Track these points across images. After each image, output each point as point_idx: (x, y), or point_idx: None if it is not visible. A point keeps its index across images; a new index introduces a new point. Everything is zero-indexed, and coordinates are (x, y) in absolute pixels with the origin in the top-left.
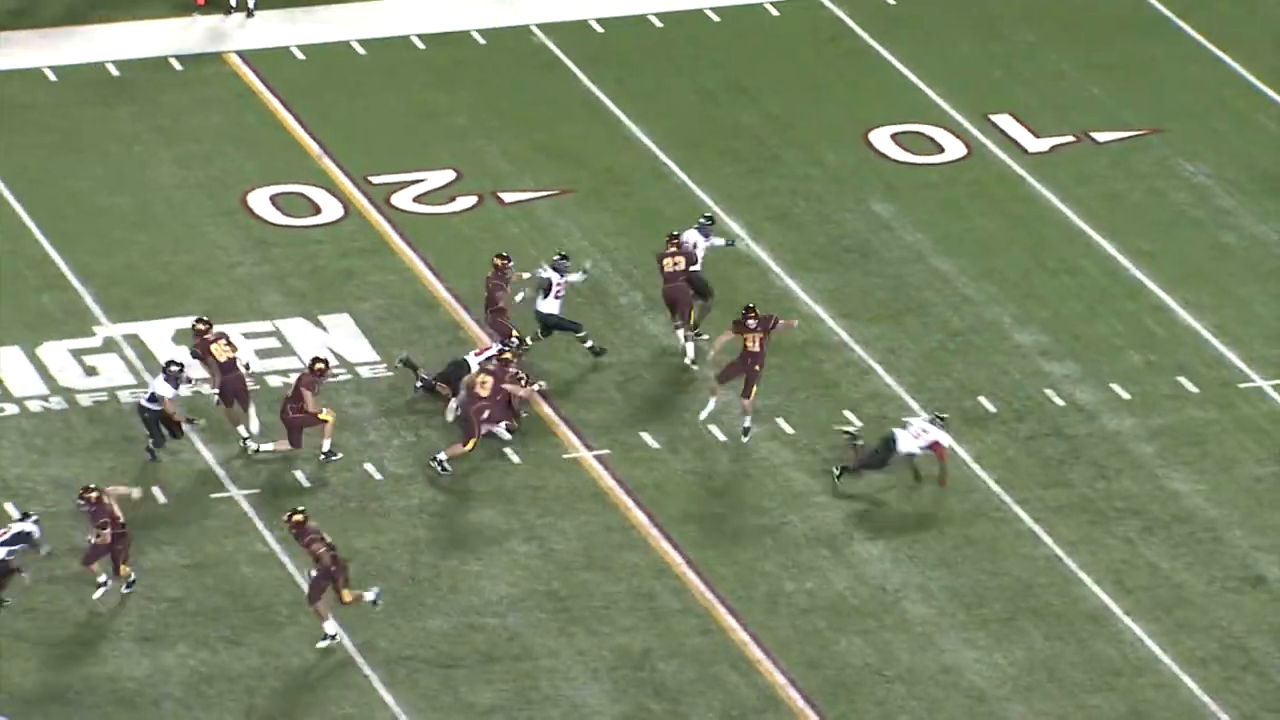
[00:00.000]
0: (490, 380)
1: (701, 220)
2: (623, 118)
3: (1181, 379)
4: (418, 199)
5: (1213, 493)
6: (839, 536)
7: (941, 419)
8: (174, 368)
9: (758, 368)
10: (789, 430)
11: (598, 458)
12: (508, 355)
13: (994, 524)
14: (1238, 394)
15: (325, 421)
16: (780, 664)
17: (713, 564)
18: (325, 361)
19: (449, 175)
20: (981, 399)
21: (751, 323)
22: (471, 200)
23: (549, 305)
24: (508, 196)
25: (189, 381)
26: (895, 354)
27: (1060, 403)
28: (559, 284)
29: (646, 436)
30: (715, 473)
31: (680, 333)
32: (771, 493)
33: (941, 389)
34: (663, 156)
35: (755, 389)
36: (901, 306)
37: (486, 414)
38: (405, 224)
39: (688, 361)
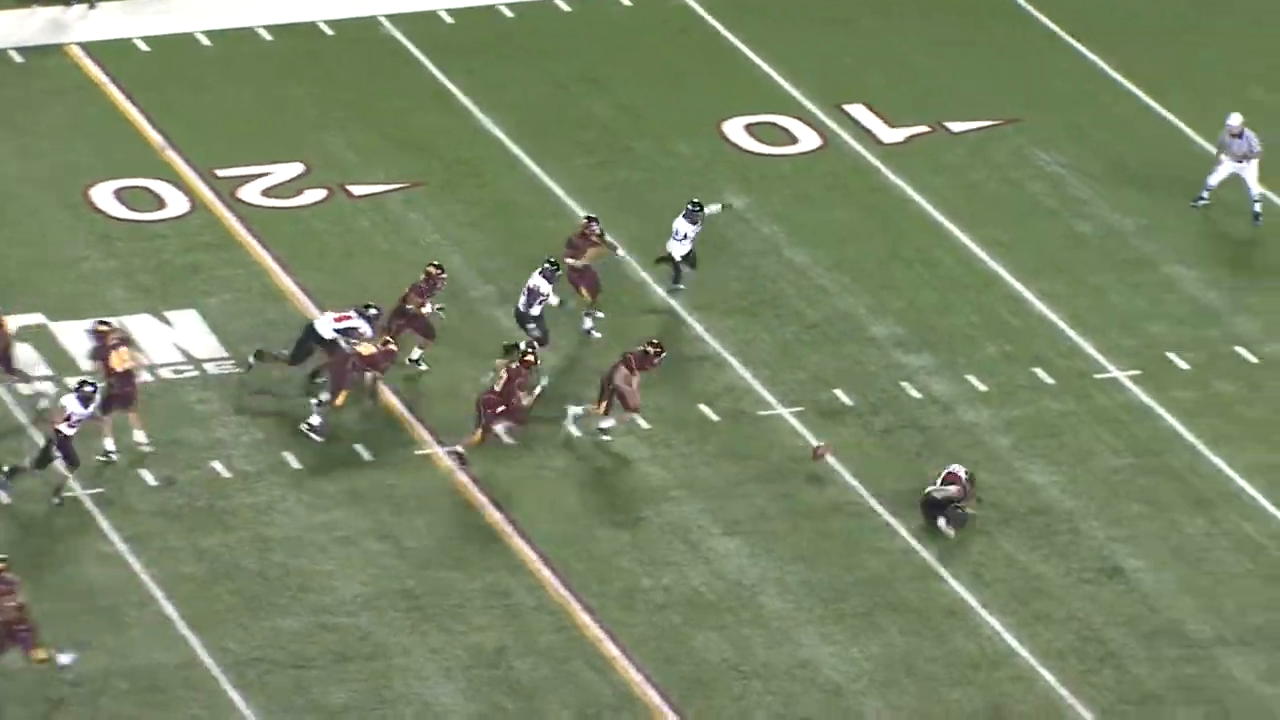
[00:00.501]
0: (505, 377)
1: (690, 206)
2: (474, 109)
3: (1037, 370)
4: (265, 192)
5: (1069, 484)
6: (695, 531)
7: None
8: (88, 388)
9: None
10: (644, 425)
11: (451, 453)
12: (530, 357)
13: (851, 518)
14: (1094, 385)
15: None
16: (636, 661)
17: (568, 560)
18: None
19: (297, 168)
20: (837, 391)
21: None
22: (320, 193)
23: (534, 311)
24: (357, 189)
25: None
26: (750, 346)
27: (916, 395)
28: (545, 292)
29: (500, 432)
30: (570, 469)
31: (588, 318)
32: (627, 488)
33: (796, 381)
34: (514, 148)
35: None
36: (756, 299)
37: (499, 410)
38: (252, 218)
39: (588, 329)
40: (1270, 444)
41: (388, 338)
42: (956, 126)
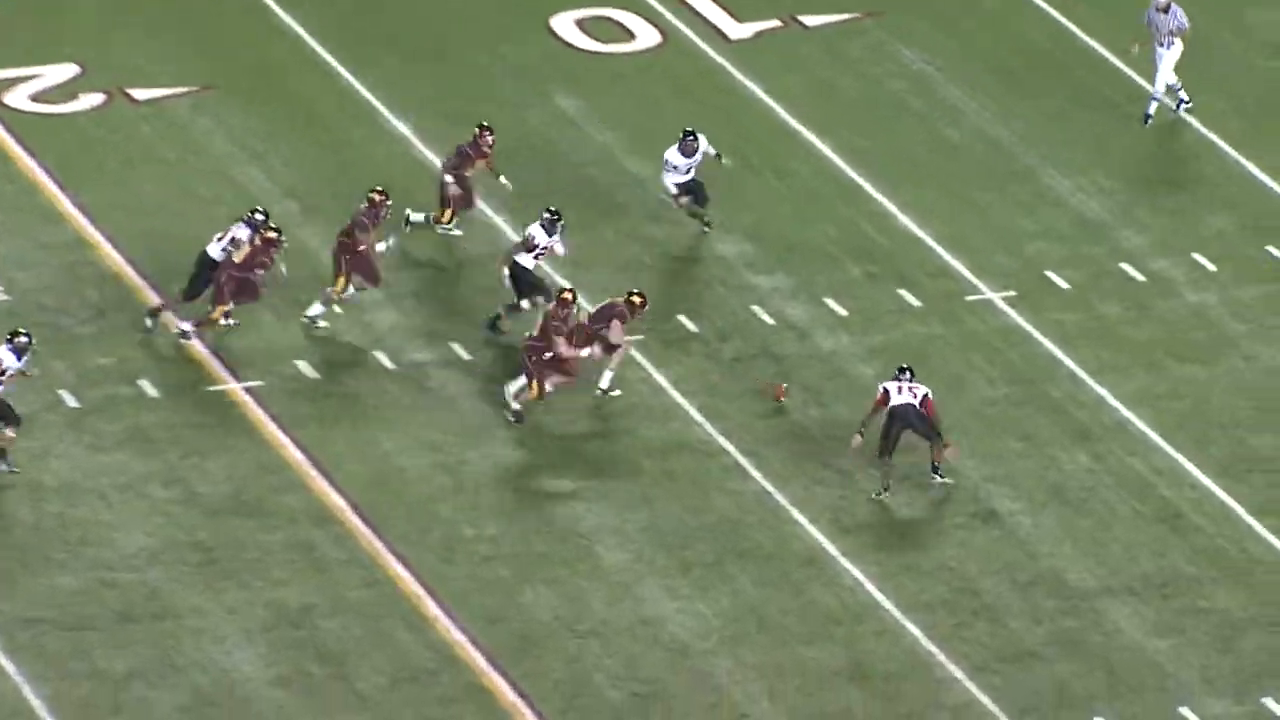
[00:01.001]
0: (541, 321)
1: (685, 134)
2: (272, 5)
3: (903, 292)
4: (35, 97)
5: (939, 417)
6: (523, 474)
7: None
8: (22, 338)
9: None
10: (466, 356)
11: (248, 390)
12: (567, 294)
13: (697, 457)
14: (965, 308)
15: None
16: (458, 619)
17: (380, 508)
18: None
19: (71, 70)
20: (681, 317)
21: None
22: (98, 98)
23: (526, 260)
24: (140, 93)
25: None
26: (585, 268)
27: (769, 320)
28: (544, 245)
29: (303, 366)
30: (382, 404)
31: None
32: (447, 427)
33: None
34: (319, 49)
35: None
36: (591, 213)
37: (545, 356)
38: (21, 125)
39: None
40: (1158, 371)
41: (273, 231)
42: (810, 20)
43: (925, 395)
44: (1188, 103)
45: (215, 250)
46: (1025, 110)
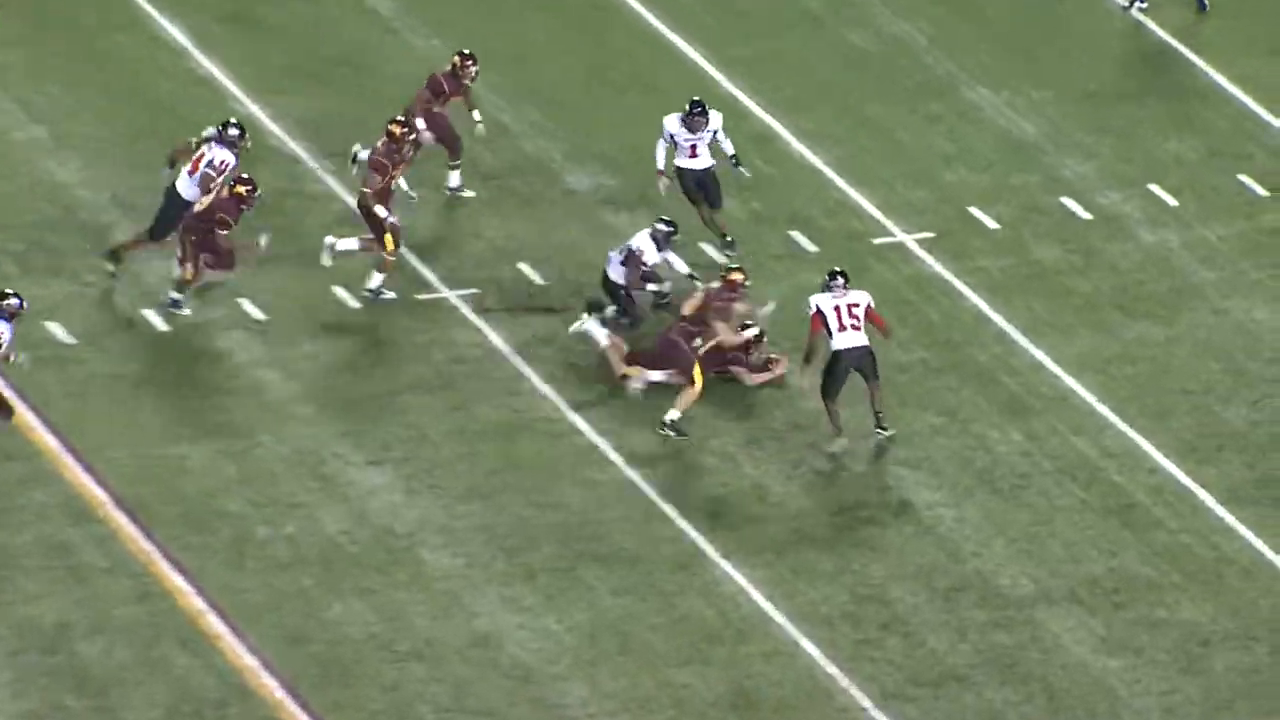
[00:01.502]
0: (698, 301)
1: (692, 105)
2: None
3: (795, 233)
4: None
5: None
6: (329, 460)
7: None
8: (12, 300)
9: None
10: (259, 315)
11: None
12: (737, 274)
13: (544, 439)
14: (871, 252)
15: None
16: (250, 640)
17: (152, 503)
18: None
19: None
20: (523, 266)
21: None
22: None
23: (616, 272)
24: None
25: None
26: (405, 204)
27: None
28: (654, 263)
29: (55, 328)
30: (153, 374)
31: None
32: (236, 402)
33: (470, 255)
34: None
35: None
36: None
37: (701, 346)
38: None
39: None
40: (1108, 329)
41: (244, 185)
42: None
43: (867, 305)
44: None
45: (186, 188)
46: (938, 12)
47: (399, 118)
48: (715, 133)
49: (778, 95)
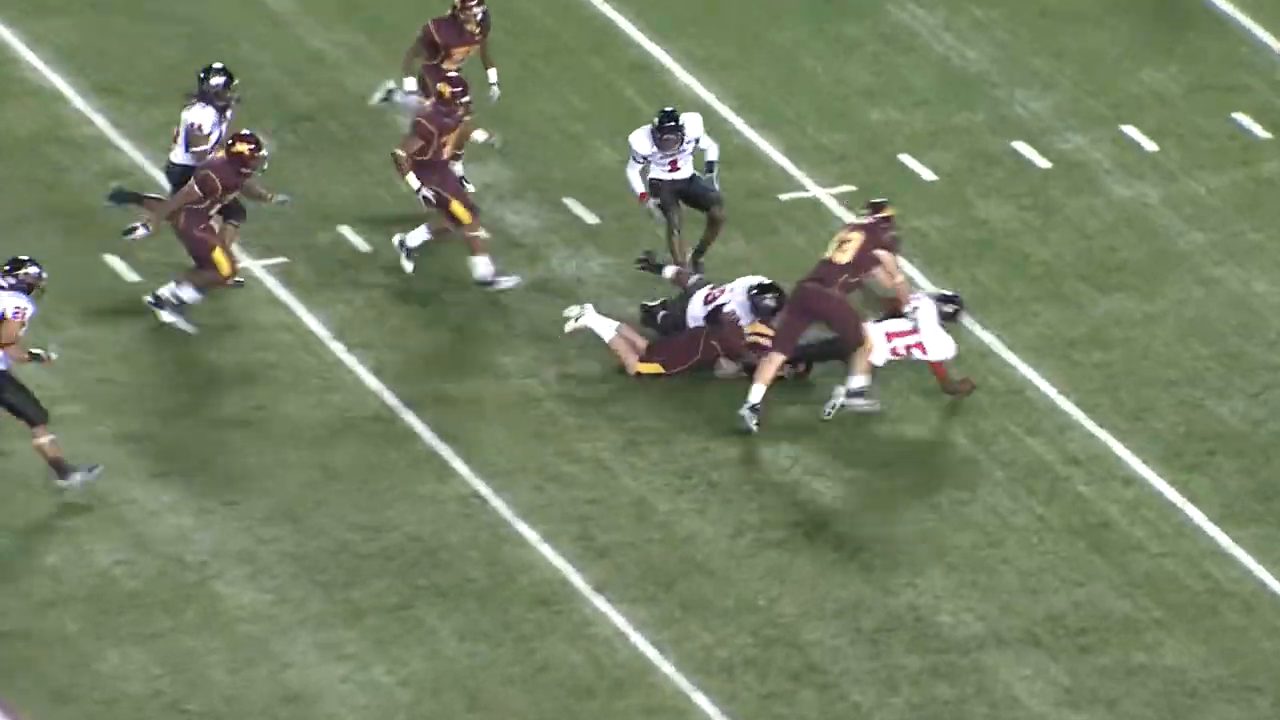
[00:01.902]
0: (858, 240)
1: (663, 116)
2: None
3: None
4: None
5: (743, 383)
6: (107, 472)
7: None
8: (31, 269)
9: None
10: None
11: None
12: (888, 209)
13: (371, 444)
14: (777, 212)
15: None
16: (4, 699)
17: None
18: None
19: None
20: (344, 230)
21: None
22: None
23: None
24: None
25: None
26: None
27: (481, 232)
28: (733, 311)
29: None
30: None
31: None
32: None
33: (288, 225)
34: None
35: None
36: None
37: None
38: None
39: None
40: (1072, 304)
41: (245, 142)
42: None
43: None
44: None
45: (178, 155)
46: None
47: (450, 74)
48: (695, 141)
49: (659, 15)
